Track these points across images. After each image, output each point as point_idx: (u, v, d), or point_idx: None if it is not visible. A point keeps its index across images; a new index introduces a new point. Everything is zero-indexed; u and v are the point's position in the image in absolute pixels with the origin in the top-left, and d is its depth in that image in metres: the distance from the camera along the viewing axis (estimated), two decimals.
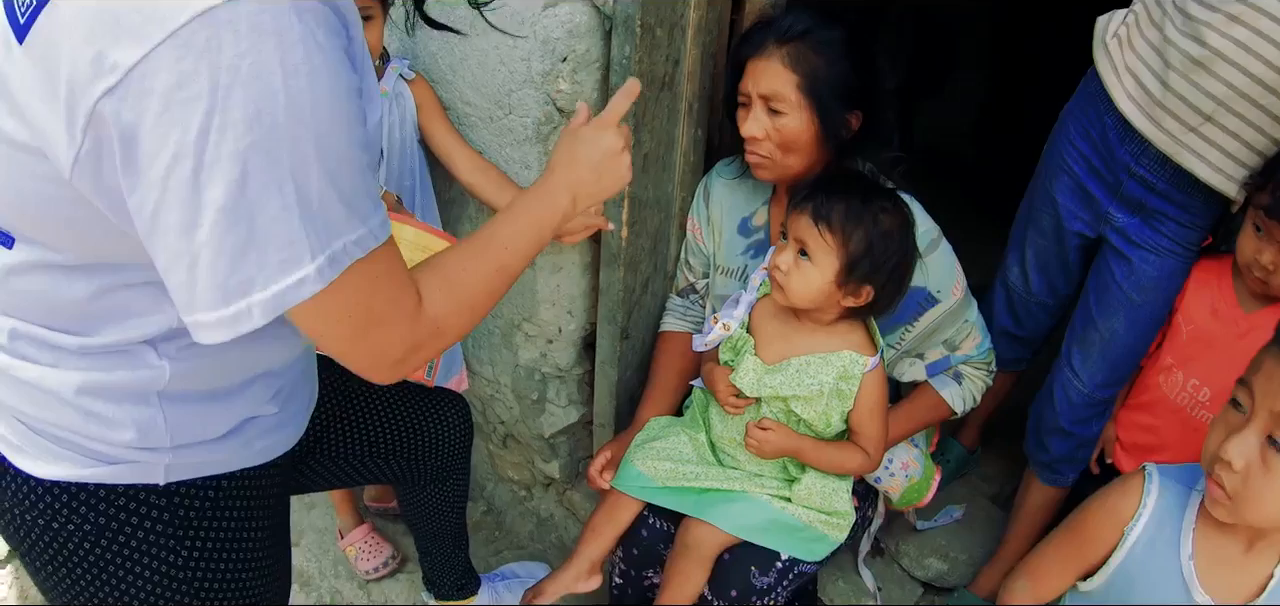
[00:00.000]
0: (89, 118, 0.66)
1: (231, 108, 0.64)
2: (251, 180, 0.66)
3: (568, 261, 1.76)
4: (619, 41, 1.45)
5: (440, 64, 1.71)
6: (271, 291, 0.70)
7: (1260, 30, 1.25)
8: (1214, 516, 1.08)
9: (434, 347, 0.87)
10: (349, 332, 0.79)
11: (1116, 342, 1.54)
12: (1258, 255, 1.37)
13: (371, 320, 0.79)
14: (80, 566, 0.92)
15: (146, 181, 0.67)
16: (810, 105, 1.38)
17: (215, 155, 0.65)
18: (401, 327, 0.82)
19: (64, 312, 0.82)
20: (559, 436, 2.01)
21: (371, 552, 2.02)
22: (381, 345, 0.82)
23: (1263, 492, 1.01)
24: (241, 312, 0.70)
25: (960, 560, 1.89)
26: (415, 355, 0.85)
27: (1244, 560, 1.11)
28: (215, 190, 0.66)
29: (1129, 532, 1.17)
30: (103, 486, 0.89)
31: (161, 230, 0.68)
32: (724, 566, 1.45)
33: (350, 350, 0.81)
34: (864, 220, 1.29)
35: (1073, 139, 1.54)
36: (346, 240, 0.74)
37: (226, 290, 0.69)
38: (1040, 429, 1.69)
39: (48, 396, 0.85)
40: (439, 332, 0.86)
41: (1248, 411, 1.03)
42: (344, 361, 0.83)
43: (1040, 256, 1.68)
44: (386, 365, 0.84)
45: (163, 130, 0.64)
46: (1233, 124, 1.31)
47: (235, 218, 0.67)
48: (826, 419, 1.38)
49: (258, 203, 0.67)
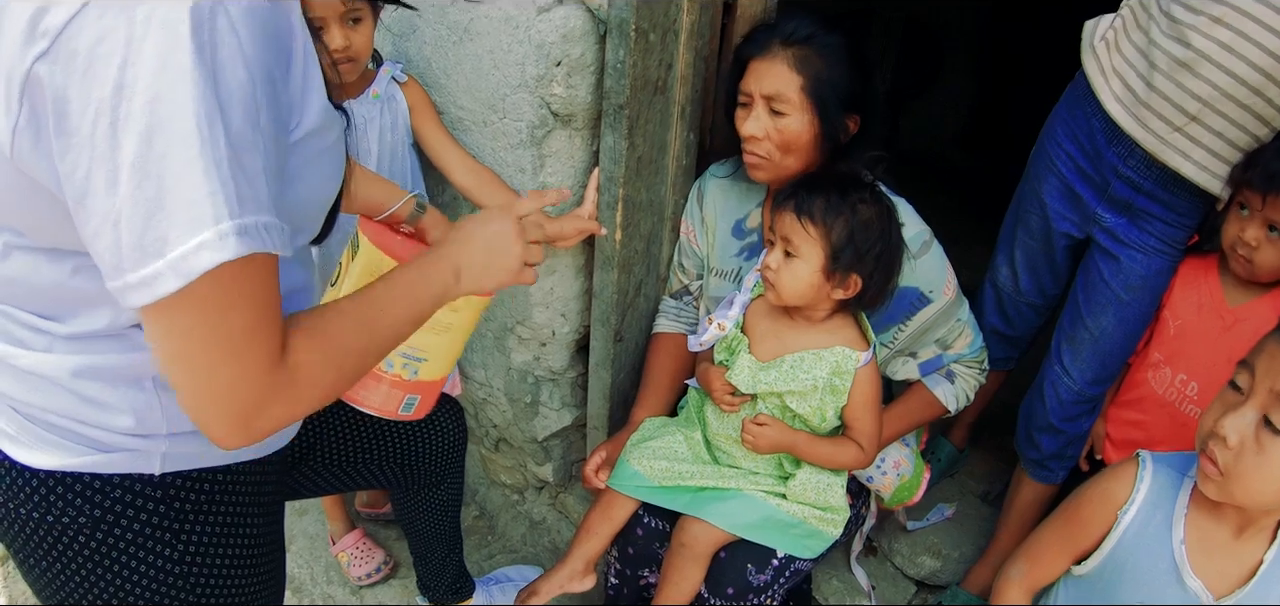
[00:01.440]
0: (24, 84, 0.67)
1: (142, 59, 0.65)
2: (158, 133, 0.65)
3: (561, 264, 1.77)
4: (613, 45, 1.46)
5: (434, 68, 1.71)
6: (179, 251, 0.68)
7: (1243, 32, 1.28)
8: (1204, 493, 1.11)
9: (289, 399, 0.79)
10: (201, 353, 0.73)
11: (1106, 340, 1.56)
12: (1241, 233, 1.40)
13: (228, 347, 0.73)
14: (75, 561, 0.92)
15: (77, 143, 0.67)
16: (812, 107, 1.41)
17: (128, 109, 0.65)
18: (257, 368, 0.76)
19: (47, 296, 0.82)
20: (552, 439, 2.01)
21: (363, 559, 2.01)
22: (234, 382, 0.75)
23: (1254, 471, 1.03)
24: (158, 274, 0.68)
25: (952, 557, 1.90)
26: (267, 407, 0.78)
27: (1234, 546, 1.13)
28: (128, 144, 0.65)
29: (1122, 517, 1.19)
30: (98, 477, 0.89)
31: (92, 192, 0.67)
32: (720, 564, 1.46)
33: (194, 382, 0.74)
34: (843, 210, 1.34)
35: (1061, 141, 1.56)
36: (257, 220, 0.71)
37: (144, 248, 0.68)
38: (1030, 426, 1.71)
39: (45, 383, 0.85)
40: (294, 383, 0.80)
41: (1246, 392, 1.05)
42: (186, 402, 0.76)
43: (1029, 256, 1.70)
44: (235, 411, 0.76)
45: (87, 88, 0.65)
46: (1217, 123, 1.34)
47: (145, 172, 0.66)
48: (821, 414, 1.40)
49: (165, 155, 0.66)
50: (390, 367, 1.18)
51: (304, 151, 0.82)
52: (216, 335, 0.73)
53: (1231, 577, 1.14)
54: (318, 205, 0.90)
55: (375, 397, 1.20)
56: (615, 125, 1.52)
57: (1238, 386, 1.07)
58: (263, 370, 0.76)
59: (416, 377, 1.19)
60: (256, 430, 0.78)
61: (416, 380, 1.20)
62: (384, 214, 1.24)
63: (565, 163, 1.64)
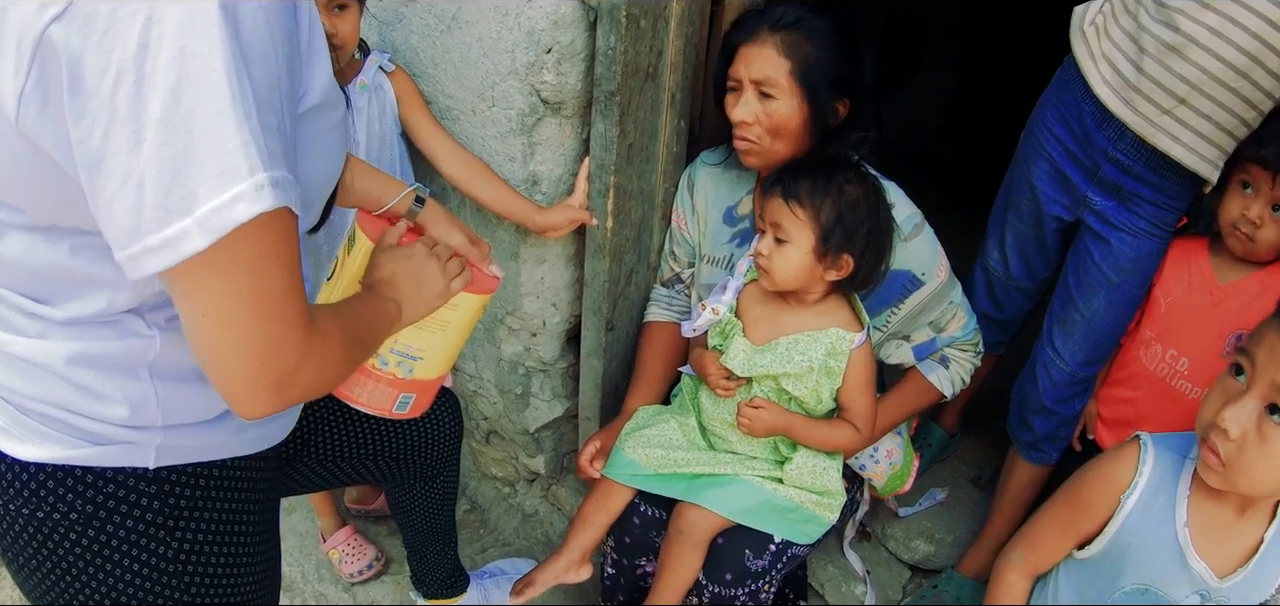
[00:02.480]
0: (36, 46, 0.65)
1: (167, 16, 0.64)
2: (186, 87, 0.64)
3: (551, 254, 1.76)
4: (604, 32, 1.45)
5: (422, 57, 1.69)
6: (210, 206, 0.66)
7: (1231, 16, 1.29)
8: (1206, 482, 1.11)
9: (318, 366, 0.79)
10: (245, 312, 0.71)
11: (1097, 321, 1.58)
12: (1245, 211, 1.42)
13: (270, 305, 0.72)
14: (66, 558, 0.90)
15: (94, 105, 0.65)
16: (802, 91, 1.41)
17: (154, 66, 0.64)
18: (293, 329, 0.75)
19: (41, 278, 0.81)
20: (543, 431, 2.00)
21: (355, 555, 1.99)
22: (277, 342, 0.74)
23: (1256, 461, 1.04)
24: (184, 232, 0.66)
25: (946, 541, 1.91)
26: (299, 370, 0.77)
27: (1236, 526, 1.14)
28: (155, 101, 0.64)
29: (1125, 500, 1.19)
30: (91, 470, 0.87)
31: (111, 154, 0.66)
32: (718, 550, 1.45)
33: (230, 344, 0.72)
34: (830, 191, 1.35)
35: (1050, 125, 1.57)
36: (286, 175, 0.70)
37: (169, 206, 0.66)
38: (1023, 409, 1.72)
39: (39, 371, 0.83)
40: (325, 349, 0.79)
41: (1247, 380, 1.05)
42: (224, 366, 0.74)
43: (1019, 240, 1.71)
44: (274, 374, 0.75)
45: (107, 48, 0.64)
46: (1205, 106, 1.35)
47: (172, 127, 0.65)
48: (817, 395, 1.40)
49: (194, 109, 0.65)
50: (385, 366, 1.16)
51: (310, 126, 0.81)
52: (255, 293, 0.72)
53: (1233, 557, 1.15)
54: (321, 185, 0.88)
55: (369, 395, 1.18)
56: (606, 112, 1.51)
57: (1239, 371, 1.06)
58: (298, 331, 0.76)
59: (411, 376, 1.18)
60: (287, 395, 0.77)
61: (412, 379, 1.18)
62: (383, 208, 1.22)
63: (555, 150, 1.63)
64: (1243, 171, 1.43)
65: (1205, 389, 1.48)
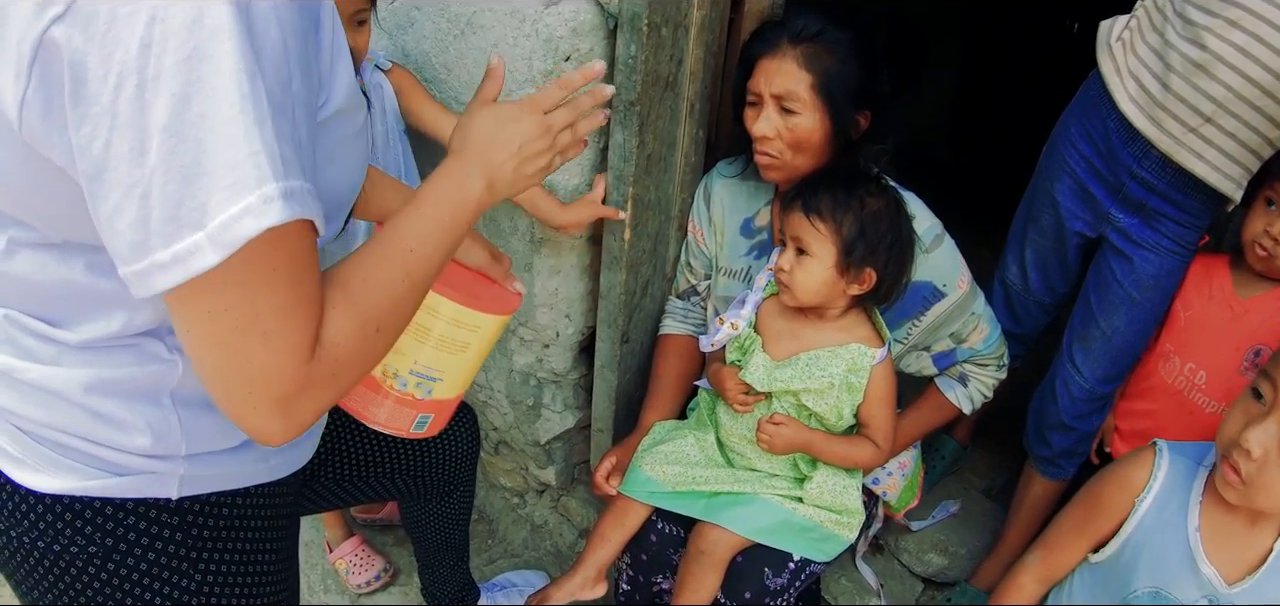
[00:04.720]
0: (37, 49, 0.61)
1: (172, 15, 0.60)
2: (196, 92, 0.61)
3: (566, 264, 1.73)
4: (625, 40, 1.43)
5: (434, 62, 1.66)
6: (219, 221, 0.62)
7: (1258, 35, 1.28)
8: (1225, 498, 1.13)
9: (328, 381, 0.73)
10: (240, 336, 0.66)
11: (1117, 338, 1.57)
12: (1269, 227, 1.43)
13: (266, 327, 0.67)
14: (84, 594, 0.86)
15: (96, 110, 0.61)
16: (823, 105, 1.39)
17: (158, 68, 0.60)
18: (294, 353, 0.69)
19: (54, 298, 0.77)
20: (554, 442, 1.98)
21: (362, 566, 1.96)
22: (264, 369, 0.68)
23: (1277, 481, 1.07)
24: (195, 247, 0.62)
25: (960, 554, 1.91)
26: (307, 391, 0.71)
27: (1247, 533, 1.16)
28: (160, 106, 0.60)
29: (1139, 504, 1.22)
30: (111, 502, 0.83)
31: (112, 164, 0.62)
32: (737, 569, 1.44)
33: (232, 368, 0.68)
34: (851, 205, 1.34)
35: (1074, 140, 1.56)
36: (302, 185, 0.65)
37: (179, 220, 0.62)
38: (1042, 424, 1.71)
39: (54, 398, 0.79)
40: (335, 361, 0.73)
41: (1268, 402, 1.07)
42: (225, 392, 0.69)
43: (1040, 255, 1.70)
44: (273, 398, 0.69)
45: (108, 50, 0.60)
46: (1231, 125, 1.35)
47: (181, 135, 0.61)
48: (838, 411, 1.39)
49: (204, 116, 0.61)
50: (404, 386, 1.13)
51: (333, 133, 0.77)
52: (254, 313, 0.67)
53: (1243, 564, 1.17)
54: (344, 194, 0.85)
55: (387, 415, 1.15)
56: (626, 122, 1.49)
57: (1259, 394, 1.09)
58: (301, 354, 0.70)
59: (430, 396, 1.15)
60: (297, 419, 0.72)
61: (430, 399, 1.16)
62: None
63: (571, 161, 1.60)
64: (1269, 188, 1.43)
65: (1223, 403, 1.50)
